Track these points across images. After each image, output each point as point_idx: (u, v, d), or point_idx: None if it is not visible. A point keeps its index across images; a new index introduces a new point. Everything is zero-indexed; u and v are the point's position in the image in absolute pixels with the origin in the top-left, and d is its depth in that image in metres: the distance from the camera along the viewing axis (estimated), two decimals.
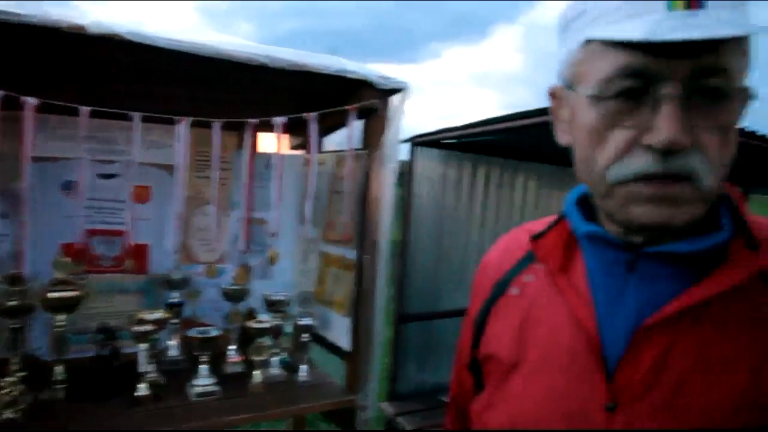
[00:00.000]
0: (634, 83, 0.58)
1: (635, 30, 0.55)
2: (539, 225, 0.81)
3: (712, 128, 0.57)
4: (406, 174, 3.39)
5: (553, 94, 0.74)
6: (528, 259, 0.81)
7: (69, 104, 1.57)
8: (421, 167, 3.42)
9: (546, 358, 0.71)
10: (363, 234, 1.93)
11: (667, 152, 0.56)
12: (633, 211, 0.60)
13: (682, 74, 0.56)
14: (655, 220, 0.59)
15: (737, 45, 0.57)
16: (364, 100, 1.83)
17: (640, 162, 0.58)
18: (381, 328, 2.03)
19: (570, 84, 0.67)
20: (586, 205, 0.75)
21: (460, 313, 3.57)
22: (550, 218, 0.81)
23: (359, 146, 1.96)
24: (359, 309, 1.94)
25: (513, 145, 3.58)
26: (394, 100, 1.89)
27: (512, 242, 0.88)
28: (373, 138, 1.90)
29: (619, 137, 0.60)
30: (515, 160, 3.81)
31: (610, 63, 0.59)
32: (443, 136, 3.24)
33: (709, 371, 0.61)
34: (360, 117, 1.91)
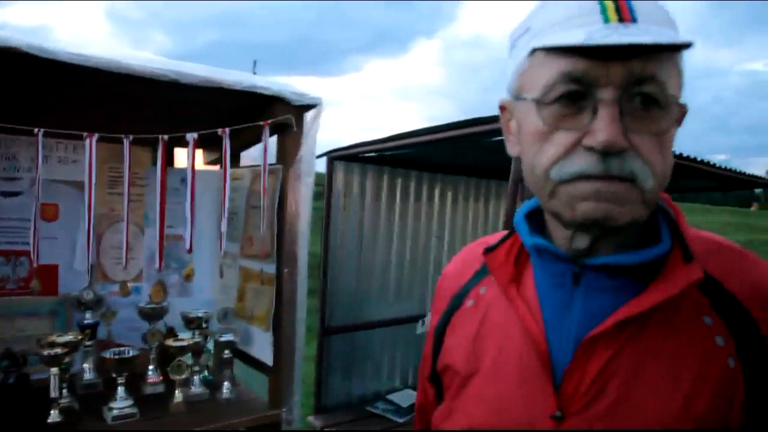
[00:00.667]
0: (574, 87, 0.61)
1: (574, 37, 0.59)
2: (494, 238, 0.83)
3: (647, 134, 0.61)
4: (324, 187, 3.42)
5: (502, 108, 0.77)
6: (483, 272, 0.83)
7: None
8: (339, 180, 3.46)
9: (497, 369, 0.73)
10: (281, 248, 1.94)
11: (606, 153, 0.60)
12: (577, 208, 0.63)
13: (617, 80, 0.60)
14: (598, 216, 0.62)
15: (668, 57, 0.62)
16: (279, 115, 1.85)
17: (582, 162, 0.61)
18: (303, 342, 2.04)
19: (517, 95, 0.70)
20: (535, 219, 0.77)
21: (383, 324, 3.64)
22: (505, 232, 0.83)
23: (275, 161, 1.97)
24: (280, 323, 1.95)
25: (429, 158, 3.68)
26: (309, 115, 1.92)
27: (469, 255, 0.90)
28: (288, 153, 1.92)
29: (561, 139, 0.63)
30: (432, 173, 3.91)
31: (552, 69, 0.63)
32: (359, 150, 3.30)
33: (652, 379, 0.64)
34: (275, 132, 1.93)
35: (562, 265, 0.70)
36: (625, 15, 0.60)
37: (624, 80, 0.60)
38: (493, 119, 2.37)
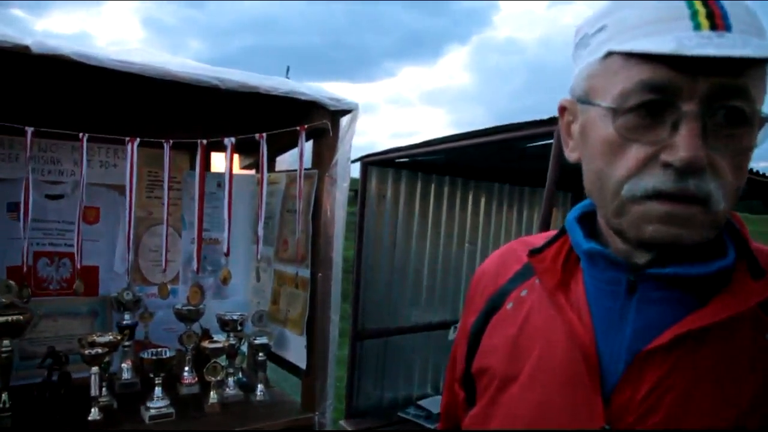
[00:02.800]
0: (654, 97, 0.57)
1: (663, 44, 0.54)
2: (538, 239, 0.79)
3: (729, 152, 0.57)
4: (358, 192, 3.43)
5: (562, 108, 0.72)
6: (525, 274, 0.79)
7: (13, 125, 1.55)
8: (373, 186, 3.47)
9: (541, 376, 0.70)
10: (316, 252, 1.96)
11: (684, 171, 0.56)
12: (645, 230, 0.60)
13: (703, 92, 0.55)
14: (665, 239, 0.59)
15: (760, 71, 0.57)
16: (316, 120, 1.86)
17: (656, 179, 0.58)
18: (336, 346, 2.05)
19: (584, 98, 0.65)
20: (587, 222, 0.73)
21: (416, 329, 3.60)
22: (549, 233, 0.79)
23: (311, 166, 1.99)
24: (314, 327, 1.96)
25: (463, 164, 3.67)
26: (344, 120, 1.93)
27: (508, 255, 0.86)
28: (323, 158, 1.93)
29: (636, 152, 0.59)
30: (465, 179, 3.90)
31: (631, 76, 0.58)
32: (393, 156, 3.30)
33: (708, 396, 0.60)
34: (311, 137, 1.95)
35: (617, 273, 0.67)
36: (718, 22, 0.55)
37: (710, 93, 0.55)
38: (527, 125, 2.35)
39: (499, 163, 3.52)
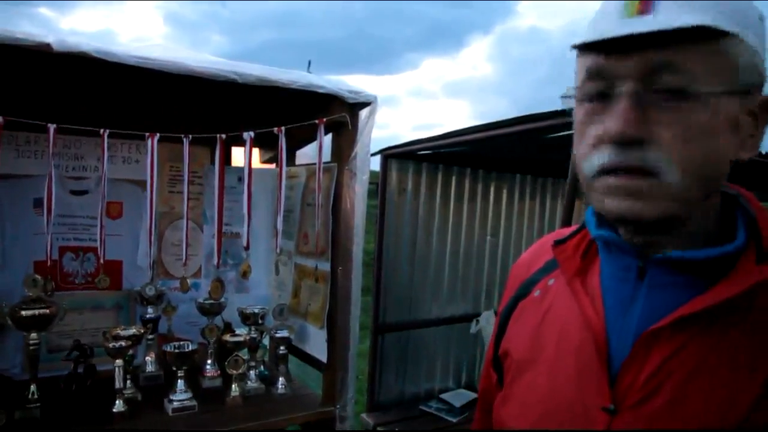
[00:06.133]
0: (599, 82, 0.63)
1: (588, 35, 0.61)
2: (566, 231, 0.84)
3: (674, 126, 0.59)
4: (378, 185, 3.43)
5: None
6: (553, 264, 0.84)
7: (36, 122, 1.57)
8: (393, 178, 3.46)
9: (554, 359, 0.74)
10: (336, 246, 1.96)
11: (623, 144, 0.60)
12: (606, 204, 0.64)
13: (635, 72, 0.60)
14: (623, 213, 0.62)
15: (698, 45, 0.58)
16: (334, 113, 1.86)
17: (602, 156, 0.62)
18: (357, 339, 2.05)
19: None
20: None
21: (437, 322, 3.60)
22: (578, 225, 0.83)
23: (330, 159, 1.99)
24: (335, 320, 1.96)
25: (484, 155, 3.64)
26: (363, 113, 1.92)
27: (542, 246, 0.91)
28: (343, 151, 1.93)
29: (590, 134, 0.64)
30: (487, 171, 3.87)
31: (582, 67, 0.65)
32: (414, 148, 3.29)
33: (713, 379, 0.61)
34: (330, 130, 1.94)
35: (628, 259, 0.70)
36: (643, 8, 0.59)
37: (641, 71, 0.60)
38: (549, 115, 2.32)
39: (521, 154, 3.49)
